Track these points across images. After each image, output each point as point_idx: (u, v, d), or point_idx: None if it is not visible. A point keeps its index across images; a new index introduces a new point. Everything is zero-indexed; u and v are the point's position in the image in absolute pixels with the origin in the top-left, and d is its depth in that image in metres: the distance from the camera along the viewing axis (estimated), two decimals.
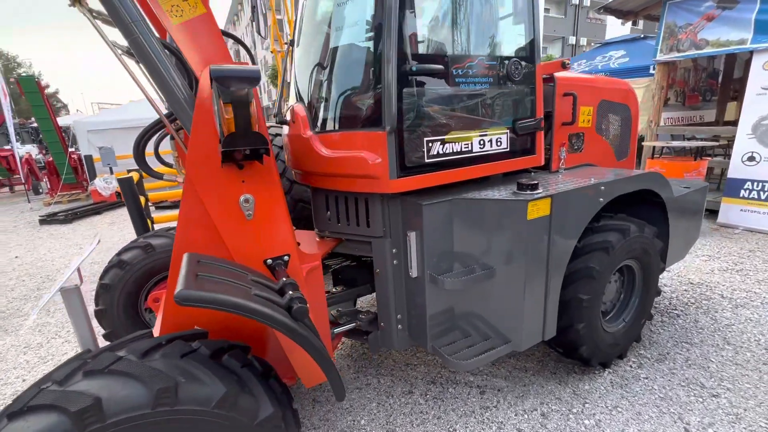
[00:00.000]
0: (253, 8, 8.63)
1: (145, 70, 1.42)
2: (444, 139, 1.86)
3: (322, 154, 1.88)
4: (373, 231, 2.03)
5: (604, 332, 2.31)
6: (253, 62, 2.21)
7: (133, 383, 1.05)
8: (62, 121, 13.85)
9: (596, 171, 2.45)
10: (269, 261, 1.69)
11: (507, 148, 2.11)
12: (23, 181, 11.20)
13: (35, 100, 9.30)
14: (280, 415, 1.27)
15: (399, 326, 2.16)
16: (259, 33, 8.54)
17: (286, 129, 2.33)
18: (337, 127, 1.94)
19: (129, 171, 4.82)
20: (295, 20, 2.74)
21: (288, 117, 2.23)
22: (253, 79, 1.19)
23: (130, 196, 4.32)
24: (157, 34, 1.39)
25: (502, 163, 2.12)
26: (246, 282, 1.34)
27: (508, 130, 2.09)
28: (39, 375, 2.84)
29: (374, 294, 2.26)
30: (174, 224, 6.16)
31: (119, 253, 2.56)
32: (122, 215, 8.47)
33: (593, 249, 2.09)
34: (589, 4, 31.34)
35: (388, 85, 1.66)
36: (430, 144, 1.83)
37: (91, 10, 1.38)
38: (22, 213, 9.43)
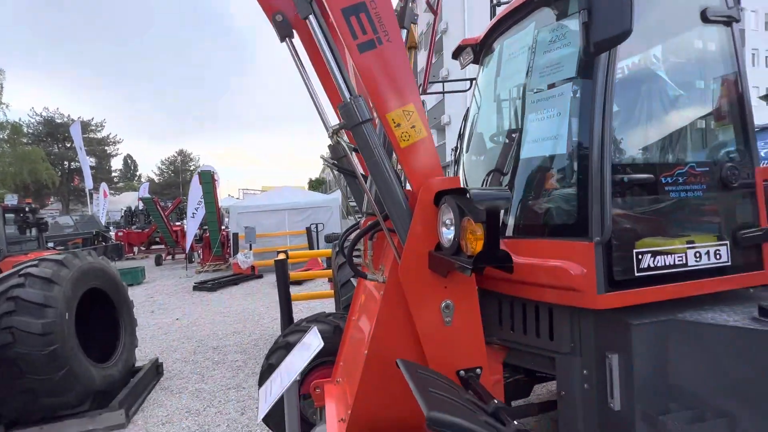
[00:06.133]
0: None
1: (376, 185, 1.62)
2: (654, 251, 1.68)
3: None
4: (558, 346, 1.83)
5: None
6: None
7: None
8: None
9: None
10: (462, 372, 1.61)
11: (728, 262, 1.80)
12: (185, 252, 13.61)
13: (208, 189, 11.65)
14: None
15: None
16: None
17: None
18: (528, 233, 1.91)
19: (278, 252, 5.45)
20: (462, 128, 2.99)
21: None
22: (507, 200, 1.26)
23: (281, 275, 4.85)
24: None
25: (722, 280, 1.80)
26: (463, 401, 1.26)
27: (728, 242, 1.81)
28: None
29: None
30: (310, 302, 6.65)
31: (285, 335, 2.76)
32: (254, 287, 9.48)
33: None
34: None
35: (596, 193, 1.61)
36: (640, 256, 1.66)
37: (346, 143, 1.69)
38: (180, 279, 11.26)
